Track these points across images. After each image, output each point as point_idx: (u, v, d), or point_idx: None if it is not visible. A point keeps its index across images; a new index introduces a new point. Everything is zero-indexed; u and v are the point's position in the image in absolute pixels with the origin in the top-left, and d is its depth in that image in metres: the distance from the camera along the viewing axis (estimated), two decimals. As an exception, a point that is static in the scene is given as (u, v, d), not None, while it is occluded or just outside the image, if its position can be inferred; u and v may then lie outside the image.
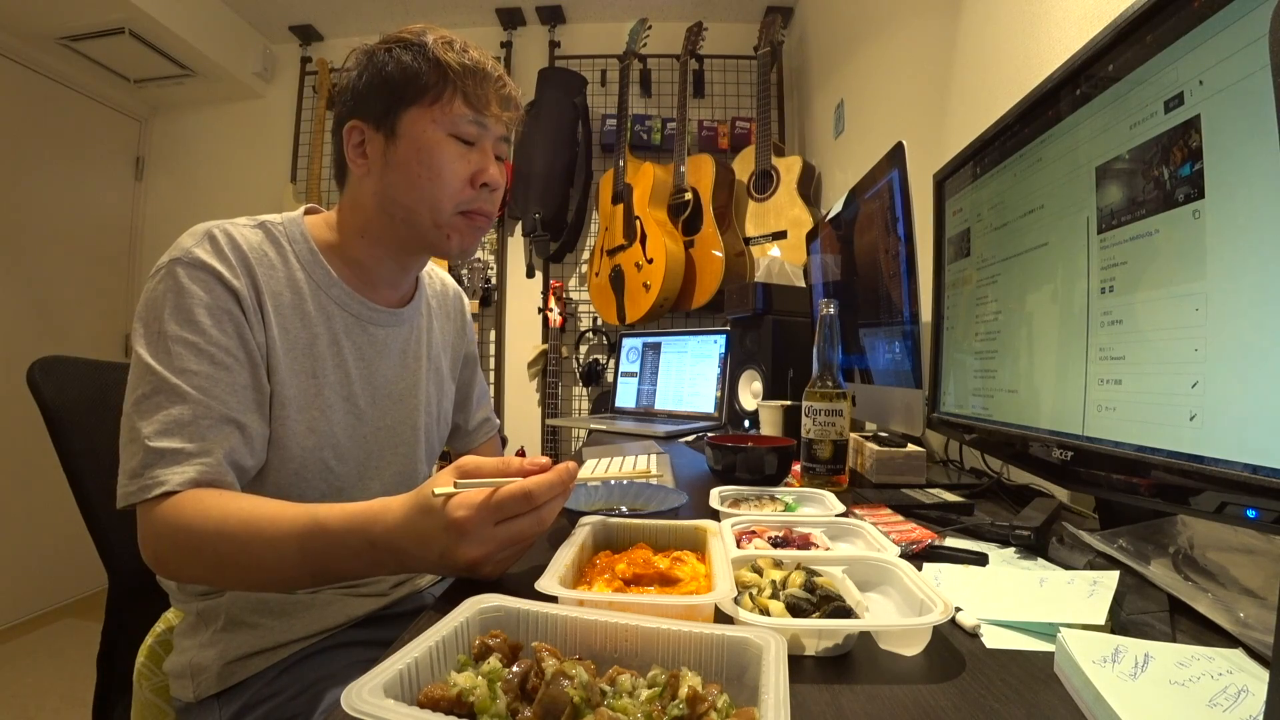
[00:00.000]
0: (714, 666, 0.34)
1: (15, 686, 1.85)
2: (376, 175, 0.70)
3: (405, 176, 0.68)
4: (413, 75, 0.67)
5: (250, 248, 0.66)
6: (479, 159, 0.70)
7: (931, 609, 0.40)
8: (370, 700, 0.27)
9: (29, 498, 2.26)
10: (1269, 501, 0.38)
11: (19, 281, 2.34)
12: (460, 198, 0.70)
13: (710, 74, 2.63)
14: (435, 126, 0.68)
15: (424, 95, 0.67)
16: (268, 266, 0.67)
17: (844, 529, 0.61)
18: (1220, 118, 0.43)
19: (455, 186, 0.69)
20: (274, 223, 0.70)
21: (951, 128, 1.30)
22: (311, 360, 0.69)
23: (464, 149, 0.69)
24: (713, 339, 1.75)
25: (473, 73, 0.68)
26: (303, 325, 0.69)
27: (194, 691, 0.63)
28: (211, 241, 0.64)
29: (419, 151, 0.67)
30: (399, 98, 0.67)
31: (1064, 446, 0.59)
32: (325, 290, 0.71)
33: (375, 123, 0.69)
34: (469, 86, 0.68)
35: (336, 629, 0.68)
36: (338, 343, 0.71)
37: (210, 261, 0.62)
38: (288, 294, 0.68)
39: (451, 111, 0.68)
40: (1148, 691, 0.33)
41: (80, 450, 0.76)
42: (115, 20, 2.16)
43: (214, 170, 2.83)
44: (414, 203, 0.69)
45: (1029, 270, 0.69)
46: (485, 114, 0.69)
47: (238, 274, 0.63)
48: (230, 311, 0.62)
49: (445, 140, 0.68)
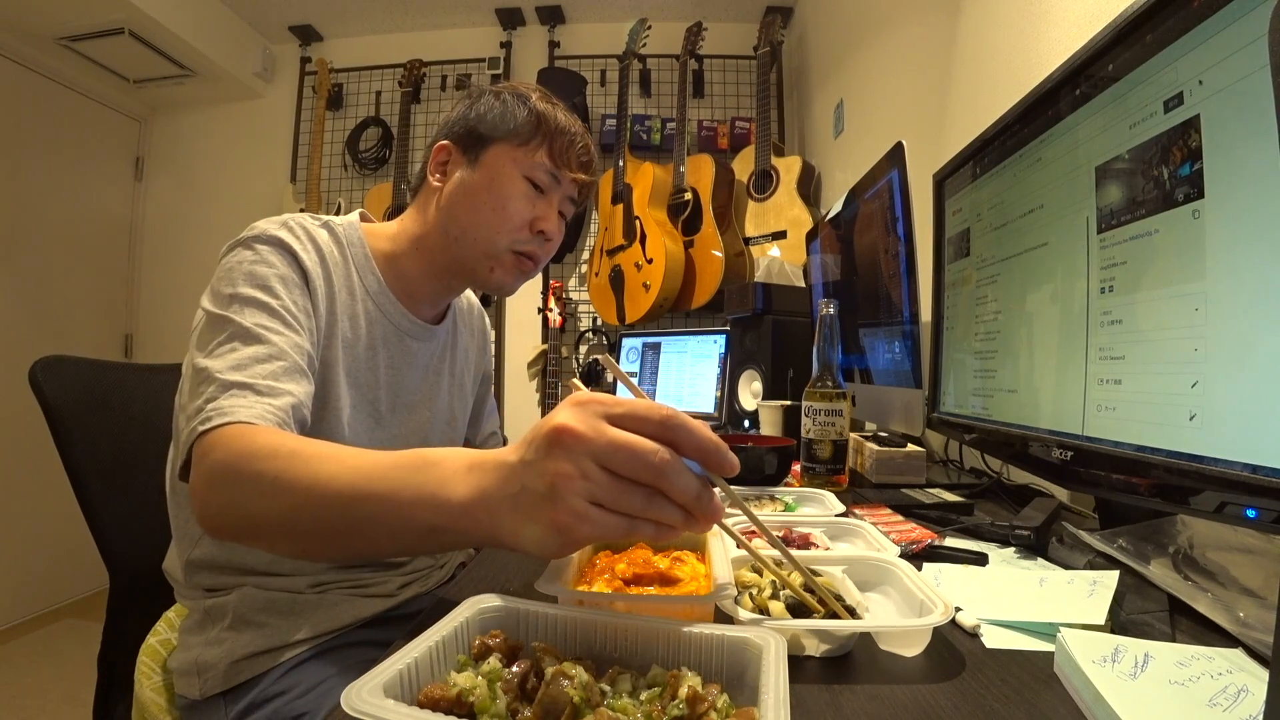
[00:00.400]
0: (714, 666, 0.34)
1: (15, 686, 1.85)
2: (448, 193, 0.74)
3: (472, 200, 0.72)
4: (510, 118, 0.73)
5: (321, 241, 0.69)
6: (544, 207, 0.75)
7: (932, 609, 0.40)
8: (370, 700, 0.27)
9: (30, 497, 2.26)
10: (1269, 501, 0.38)
11: (19, 281, 2.34)
12: (516, 235, 0.73)
13: (710, 74, 2.62)
14: (514, 165, 0.72)
15: (514, 136, 0.73)
16: (333, 262, 0.70)
17: (844, 529, 0.61)
18: (1220, 118, 0.43)
19: (514, 224, 0.73)
20: (336, 224, 0.74)
21: (951, 128, 1.30)
22: (351, 360, 0.71)
23: (533, 193, 0.74)
24: (712, 339, 1.75)
25: (563, 131, 0.74)
26: (351, 325, 0.71)
27: (200, 689, 0.63)
28: (287, 227, 0.67)
29: (492, 181, 0.72)
30: (492, 132, 0.73)
31: (1064, 446, 0.59)
32: (374, 297, 0.74)
33: (464, 148, 0.74)
34: (555, 141, 0.73)
35: (344, 629, 0.68)
36: (374, 349, 0.74)
37: (287, 240, 0.65)
38: (344, 293, 0.71)
39: (533, 157, 0.73)
40: (1147, 691, 0.33)
41: (81, 449, 0.76)
42: (115, 20, 2.16)
43: (214, 170, 2.83)
44: (472, 226, 0.72)
45: (1029, 270, 0.69)
46: (562, 169, 0.74)
47: (310, 257, 0.67)
48: (301, 285, 0.65)
49: (519, 179, 0.73)
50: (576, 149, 0.75)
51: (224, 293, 0.61)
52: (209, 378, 0.55)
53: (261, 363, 0.57)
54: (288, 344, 0.60)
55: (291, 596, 0.67)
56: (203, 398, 0.54)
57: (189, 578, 0.68)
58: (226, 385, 0.54)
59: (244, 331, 0.58)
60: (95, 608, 2.31)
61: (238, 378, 0.55)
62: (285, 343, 0.60)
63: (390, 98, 2.71)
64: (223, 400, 0.53)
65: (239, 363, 0.56)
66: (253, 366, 0.56)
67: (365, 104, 2.76)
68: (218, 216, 2.80)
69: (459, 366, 0.88)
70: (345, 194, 2.70)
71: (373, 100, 2.74)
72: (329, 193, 2.69)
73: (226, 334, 0.58)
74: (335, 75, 2.74)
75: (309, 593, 0.68)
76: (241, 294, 0.61)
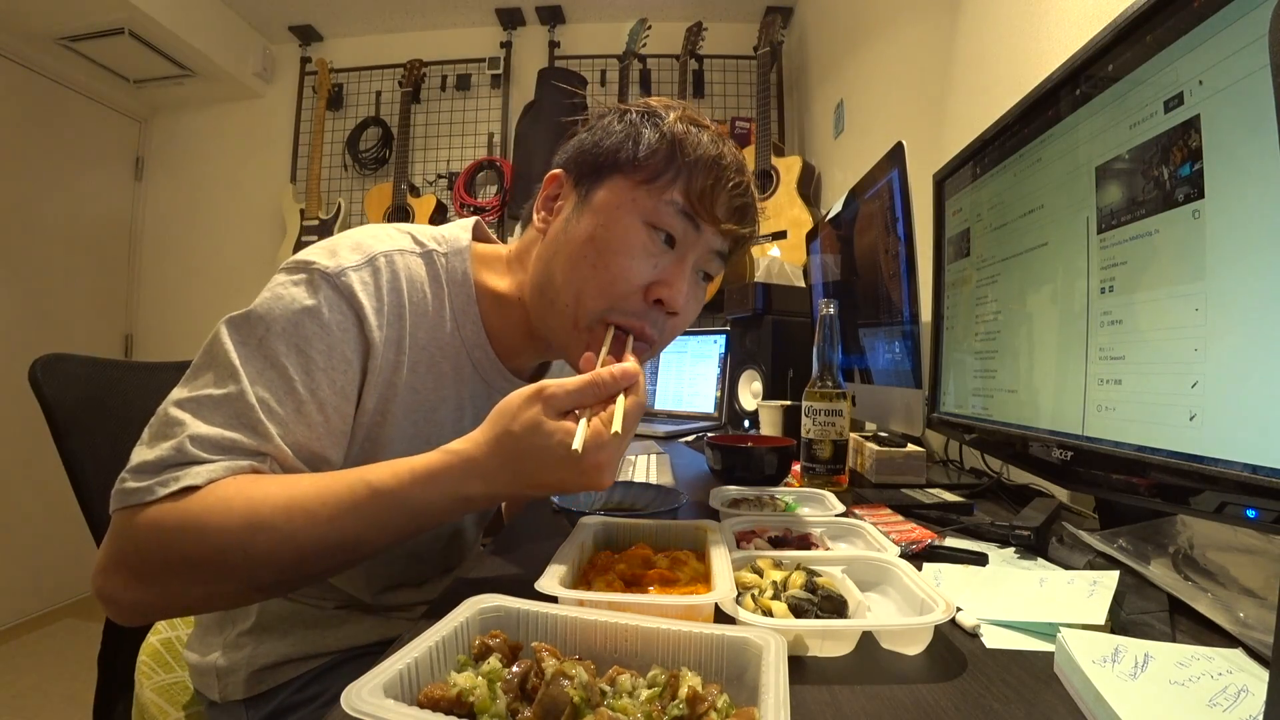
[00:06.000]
0: (714, 666, 0.34)
1: (15, 686, 1.85)
2: (551, 237, 0.59)
3: (570, 251, 0.56)
4: (636, 143, 0.56)
5: (411, 287, 0.57)
6: (669, 268, 0.57)
7: (932, 608, 0.40)
8: (370, 700, 0.27)
9: (29, 497, 2.26)
10: (1269, 501, 0.38)
11: (19, 281, 2.34)
12: (620, 305, 0.56)
13: (710, 74, 2.62)
14: (634, 206, 0.56)
15: (638, 168, 0.56)
16: (421, 313, 0.58)
17: (844, 529, 0.61)
18: (1220, 118, 0.43)
19: (620, 288, 0.55)
20: (439, 254, 0.61)
21: (951, 128, 1.30)
22: (430, 426, 0.60)
23: (657, 246, 0.56)
24: (712, 339, 1.75)
25: (710, 164, 0.56)
26: (434, 386, 0.60)
27: (220, 693, 0.62)
28: (374, 271, 0.54)
29: (599, 227, 0.55)
30: (611, 161, 0.57)
31: (1064, 446, 0.59)
32: (469, 351, 0.62)
33: (577, 179, 0.59)
34: (696, 176, 0.56)
35: (369, 646, 0.66)
36: (461, 408, 0.63)
37: (361, 298, 0.53)
38: (432, 348, 0.59)
39: (661, 196, 0.55)
40: (1147, 691, 0.33)
41: (81, 449, 0.76)
42: (115, 20, 2.16)
43: (214, 170, 2.83)
44: (564, 285, 0.57)
45: (1029, 270, 0.69)
46: (701, 215, 0.56)
47: (385, 321, 0.54)
48: (351, 363, 0.53)
49: (638, 227, 0.56)
50: (727, 189, 0.56)
51: (256, 331, 0.50)
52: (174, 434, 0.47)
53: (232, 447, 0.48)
54: (284, 442, 0.50)
55: (317, 612, 0.65)
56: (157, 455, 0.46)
57: None
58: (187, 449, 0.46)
59: (245, 405, 0.48)
60: (95, 608, 2.30)
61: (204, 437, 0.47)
62: (285, 430, 0.50)
63: (390, 98, 2.71)
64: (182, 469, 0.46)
65: (208, 434, 0.47)
66: (222, 444, 0.48)
67: (365, 104, 2.76)
68: (217, 216, 2.81)
69: None
70: (345, 194, 2.70)
71: (373, 100, 2.74)
72: (329, 193, 2.69)
73: (225, 392, 0.49)
74: (335, 75, 2.74)
75: (336, 610, 0.66)
76: (271, 347, 0.50)
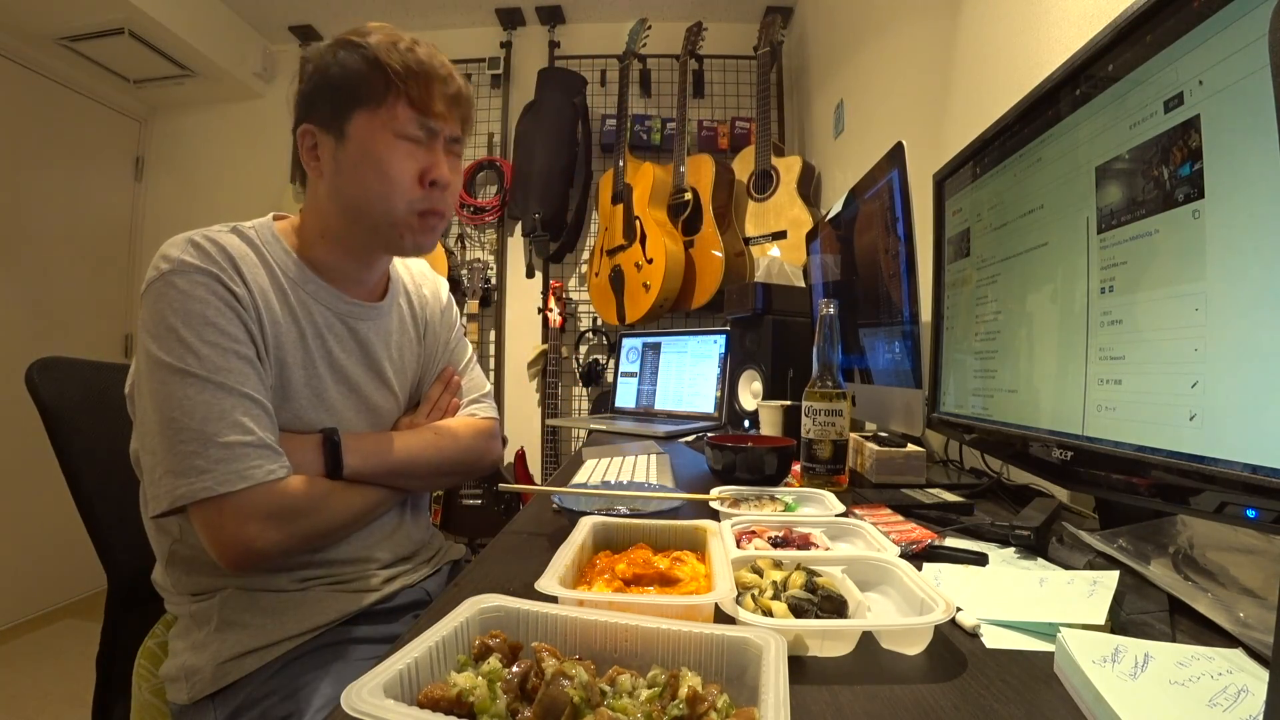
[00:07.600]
0: (714, 666, 0.34)
1: (15, 686, 1.85)
2: (330, 178, 0.71)
3: (356, 179, 0.69)
4: (357, 79, 0.67)
5: (233, 249, 0.67)
6: (427, 157, 0.70)
7: (932, 608, 0.40)
8: (370, 700, 0.27)
9: (28, 498, 2.26)
10: (1269, 501, 0.38)
11: (19, 281, 2.34)
12: (410, 197, 0.70)
13: (710, 74, 2.62)
14: (381, 129, 0.68)
15: (369, 100, 0.67)
16: (251, 266, 0.68)
17: (844, 529, 0.61)
18: (1220, 118, 0.43)
19: (405, 185, 0.69)
20: (245, 227, 0.71)
21: (951, 128, 1.30)
22: (303, 351, 0.71)
23: (412, 148, 0.69)
24: (712, 339, 1.74)
25: (416, 75, 0.68)
26: (290, 320, 0.70)
27: (189, 694, 0.63)
28: (196, 248, 0.64)
29: (366, 154, 0.68)
30: (345, 101, 0.68)
31: (1064, 446, 0.59)
32: (302, 286, 0.72)
33: (325, 126, 0.70)
34: (413, 90, 0.67)
35: (329, 625, 0.68)
36: (321, 335, 0.73)
37: (203, 265, 0.63)
38: (272, 292, 0.69)
39: (397, 116, 0.68)
40: (1148, 691, 0.33)
41: (79, 450, 0.76)
42: (115, 20, 2.16)
43: (214, 170, 2.83)
44: (366, 204, 0.70)
45: (1029, 270, 0.69)
46: (431, 117, 0.69)
47: (230, 275, 0.65)
48: (235, 309, 0.64)
49: (393, 142, 0.68)
50: (439, 87, 0.69)
51: (168, 340, 0.60)
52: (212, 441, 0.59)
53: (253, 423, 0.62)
54: (253, 380, 0.63)
55: (275, 595, 0.67)
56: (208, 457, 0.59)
57: (174, 584, 0.69)
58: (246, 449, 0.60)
59: (216, 385, 0.60)
60: (94, 608, 2.30)
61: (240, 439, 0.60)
62: (250, 380, 0.63)
63: (390, 98, 2.71)
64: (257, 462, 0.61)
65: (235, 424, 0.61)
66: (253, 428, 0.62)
67: (365, 104, 2.76)
68: (218, 216, 2.70)
69: (420, 332, 0.86)
70: (345, 194, 2.70)
71: (372, 100, 2.74)
72: (329, 193, 2.69)
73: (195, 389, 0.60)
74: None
75: (292, 590, 0.68)
76: (187, 339, 0.60)
